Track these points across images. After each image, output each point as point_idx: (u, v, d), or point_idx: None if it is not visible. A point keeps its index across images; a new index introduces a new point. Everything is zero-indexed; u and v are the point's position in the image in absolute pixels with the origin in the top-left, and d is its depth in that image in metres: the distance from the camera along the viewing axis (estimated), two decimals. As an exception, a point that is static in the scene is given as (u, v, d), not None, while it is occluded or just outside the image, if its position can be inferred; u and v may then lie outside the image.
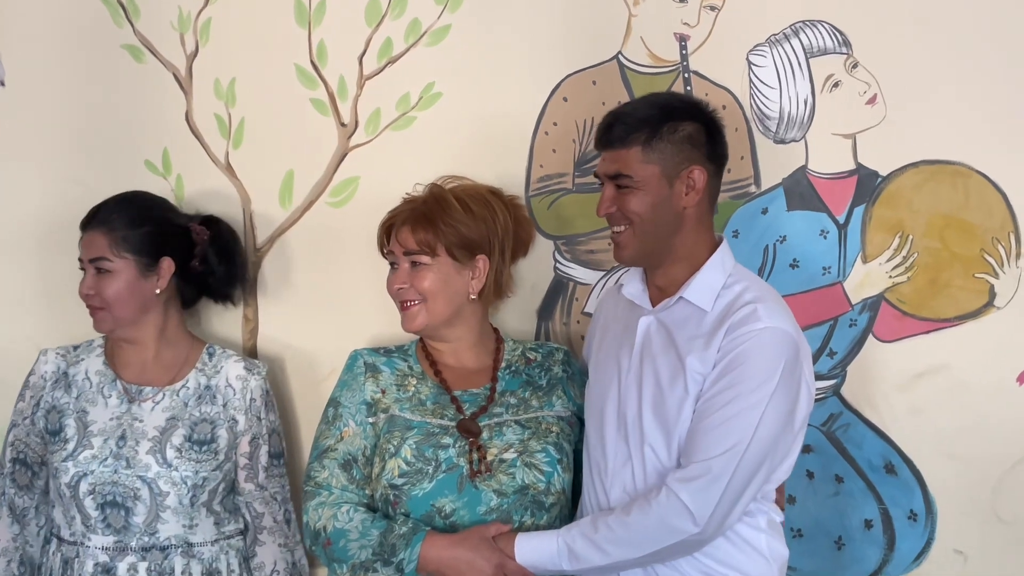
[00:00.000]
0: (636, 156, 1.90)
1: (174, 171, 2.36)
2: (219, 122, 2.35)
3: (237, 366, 2.20)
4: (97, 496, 2.08)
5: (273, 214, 2.38)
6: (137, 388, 2.15)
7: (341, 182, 2.36)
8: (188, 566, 2.14)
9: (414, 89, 2.33)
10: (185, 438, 2.12)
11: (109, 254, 2.09)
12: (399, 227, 2.08)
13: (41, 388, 2.19)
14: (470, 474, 1.99)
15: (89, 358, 2.19)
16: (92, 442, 2.11)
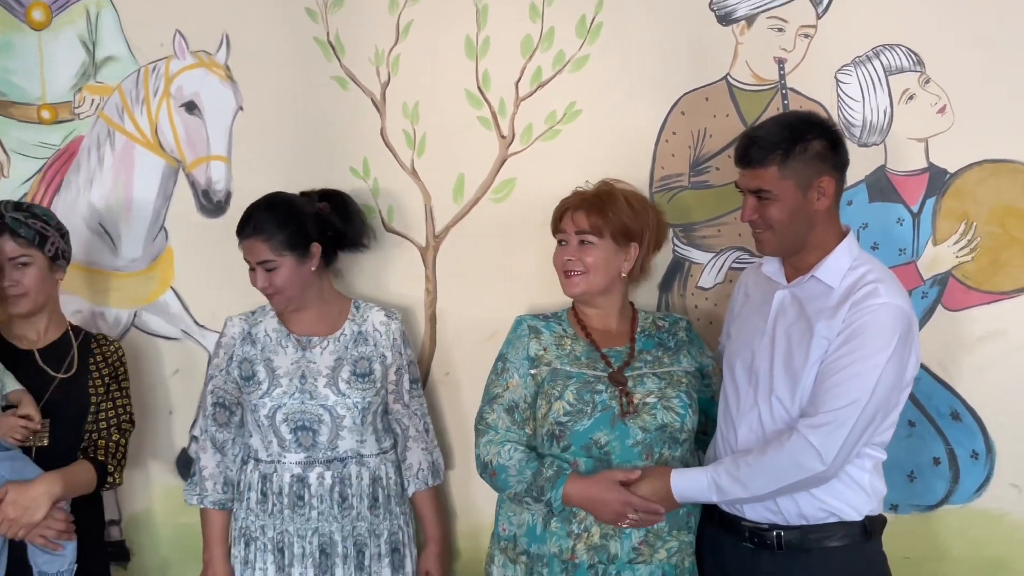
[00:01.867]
0: (773, 174, 2.04)
1: (372, 175, 2.66)
2: (406, 136, 2.64)
3: (379, 314, 2.51)
4: (290, 422, 2.39)
5: (448, 208, 2.65)
6: (307, 339, 2.46)
7: (501, 183, 2.61)
8: (360, 473, 2.43)
9: (559, 107, 2.57)
10: (351, 373, 2.43)
11: (271, 255, 2.36)
12: (574, 211, 2.28)
13: (232, 346, 2.47)
14: (620, 414, 2.19)
15: (265, 319, 2.49)
16: (281, 382, 2.41)
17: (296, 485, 2.39)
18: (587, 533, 2.17)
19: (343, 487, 2.40)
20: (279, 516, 2.39)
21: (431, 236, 2.67)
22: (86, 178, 2.79)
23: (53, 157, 2.81)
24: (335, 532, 2.39)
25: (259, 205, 2.42)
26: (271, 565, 2.39)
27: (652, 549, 2.17)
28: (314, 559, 2.38)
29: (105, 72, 2.78)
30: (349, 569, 2.40)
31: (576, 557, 2.18)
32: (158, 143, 2.76)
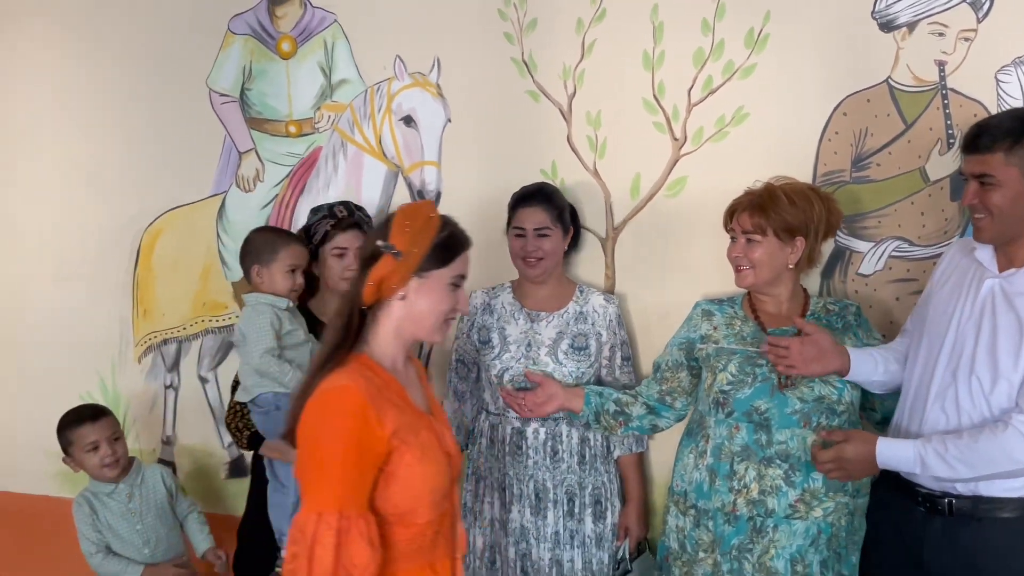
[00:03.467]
0: (999, 160, 2.00)
1: (559, 175, 2.84)
2: (589, 141, 2.81)
3: (599, 298, 2.71)
4: (514, 383, 2.61)
5: (625, 204, 2.80)
6: (536, 313, 2.68)
7: (673, 180, 2.73)
8: (570, 432, 2.60)
9: (728, 111, 2.66)
10: (569, 345, 2.63)
11: (549, 224, 2.60)
12: (740, 212, 2.35)
13: (474, 314, 2.74)
14: (779, 385, 2.28)
15: (503, 294, 2.73)
16: (510, 348, 2.64)
17: (515, 436, 2.61)
18: (746, 489, 2.29)
19: (555, 442, 2.60)
20: (503, 461, 2.62)
21: (610, 229, 2.83)
22: (324, 182, 3.13)
23: (298, 165, 3.17)
24: (547, 480, 2.59)
25: (541, 185, 2.68)
26: (496, 501, 2.63)
27: (808, 507, 2.25)
28: (530, 501, 2.59)
29: (339, 93, 3.11)
30: (559, 513, 2.59)
31: (737, 510, 2.29)
32: (381, 152, 3.07)
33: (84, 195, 3.47)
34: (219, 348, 3.31)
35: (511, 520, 2.61)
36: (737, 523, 2.30)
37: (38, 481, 3.55)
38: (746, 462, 2.30)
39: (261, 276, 2.55)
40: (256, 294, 2.54)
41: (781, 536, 2.28)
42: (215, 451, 3.31)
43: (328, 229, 2.67)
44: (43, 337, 3.56)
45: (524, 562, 2.60)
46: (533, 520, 2.60)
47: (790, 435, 2.28)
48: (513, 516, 2.61)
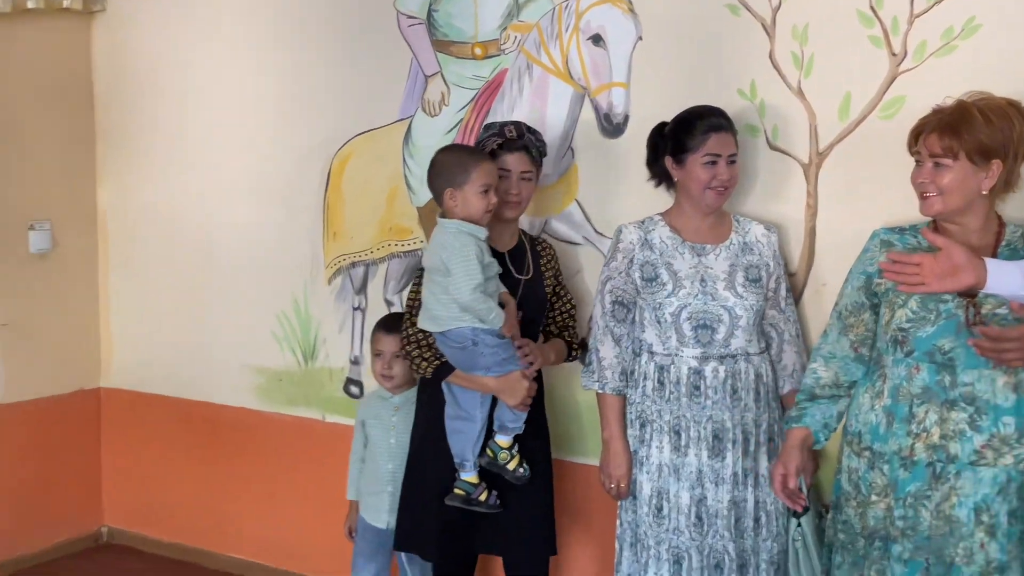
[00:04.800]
0: None
1: (758, 96, 2.64)
2: (794, 58, 2.58)
3: (760, 228, 2.57)
4: (693, 320, 2.48)
5: (832, 127, 2.56)
6: (700, 246, 2.53)
7: (889, 100, 2.48)
8: (748, 369, 2.49)
9: (957, 23, 2.37)
10: (745, 277, 2.49)
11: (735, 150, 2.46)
12: (927, 133, 2.10)
13: (631, 251, 2.56)
14: (966, 323, 2.07)
15: (657, 228, 2.56)
16: (684, 284, 2.50)
17: (693, 376, 2.49)
18: (926, 433, 2.11)
19: (734, 381, 2.48)
20: (676, 403, 2.50)
21: (814, 154, 2.60)
22: (508, 105, 3.03)
23: (483, 88, 3.08)
24: (727, 420, 2.47)
25: (716, 108, 2.50)
26: (667, 445, 2.50)
27: (997, 454, 2.06)
28: (708, 443, 2.47)
29: (526, 12, 2.98)
30: (737, 453, 2.47)
31: (914, 455, 2.12)
32: (568, 73, 2.92)
33: (276, 119, 3.52)
34: (404, 272, 3.29)
35: (686, 464, 2.49)
36: (914, 468, 2.13)
37: (237, 394, 3.69)
38: (927, 405, 2.14)
39: (455, 199, 2.46)
40: (455, 221, 2.45)
41: (965, 483, 2.10)
42: None
43: (495, 148, 2.58)
44: (241, 258, 3.66)
45: (699, 507, 2.48)
46: (711, 463, 2.48)
47: (977, 376, 2.08)
48: (688, 460, 2.49)
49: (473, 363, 2.49)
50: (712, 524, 2.48)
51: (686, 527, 2.48)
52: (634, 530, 2.57)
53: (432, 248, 2.49)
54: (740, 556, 2.48)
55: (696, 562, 2.48)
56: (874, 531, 2.20)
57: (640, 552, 2.54)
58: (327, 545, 3.40)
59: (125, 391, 3.99)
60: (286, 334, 3.54)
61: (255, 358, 3.61)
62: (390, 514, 2.86)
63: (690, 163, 2.48)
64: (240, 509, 3.71)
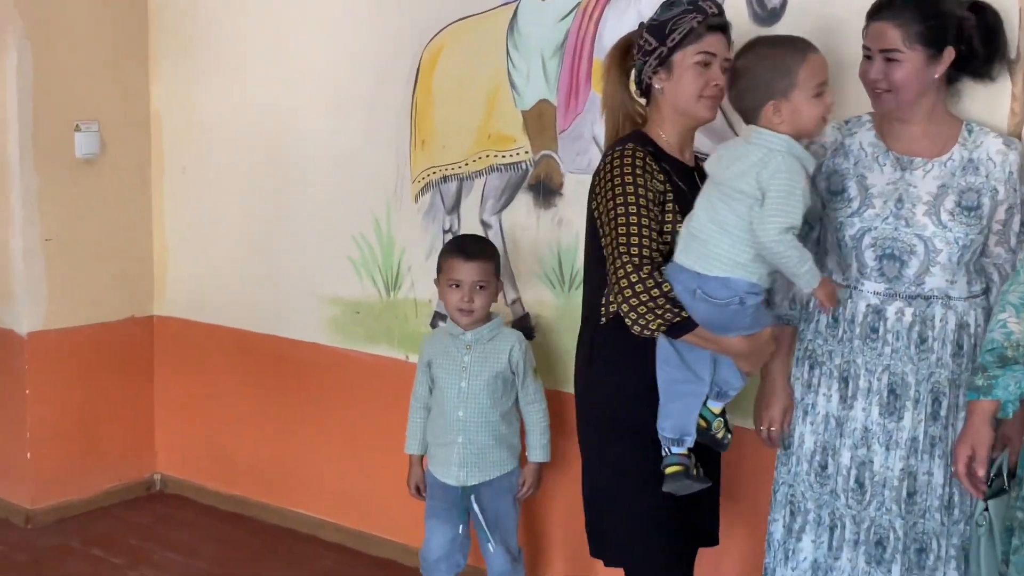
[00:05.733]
0: None
1: None
2: None
3: (997, 142, 2.21)
4: (877, 248, 2.21)
5: None
6: (908, 159, 2.23)
7: None
8: (945, 316, 2.20)
9: None
10: (955, 204, 2.16)
11: (901, 46, 2.11)
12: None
13: (822, 156, 2.31)
14: None
15: (861, 131, 2.30)
16: (874, 203, 2.22)
17: (871, 316, 2.24)
18: None
19: (923, 327, 2.20)
20: (848, 344, 2.24)
21: (1022, 48, 2.23)
22: None
23: None
24: (909, 374, 2.19)
25: None
26: (835, 393, 2.28)
27: None
28: (881, 397, 2.21)
29: None
30: (920, 415, 2.18)
31: None
32: (716, -58, 2.59)
33: (360, 9, 3.29)
34: (505, 188, 3.03)
35: (851, 419, 2.25)
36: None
37: (307, 327, 3.54)
38: None
39: (781, 113, 2.11)
40: (785, 138, 2.08)
41: None
42: (497, 307, 3.01)
43: (694, 26, 2.20)
44: (315, 173, 3.48)
45: (862, 471, 2.23)
46: (882, 422, 2.23)
47: None
48: (855, 414, 2.25)
49: (731, 323, 2.15)
50: (877, 494, 2.24)
51: (842, 491, 2.27)
52: (790, 489, 2.36)
53: (740, 160, 2.12)
54: (919, 539, 2.22)
55: (851, 533, 2.26)
56: None
57: (796, 516, 2.35)
58: (407, 503, 3.18)
59: (181, 320, 3.90)
60: (364, 259, 3.36)
61: (329, 286, 3.44)
62: (460, 468, 2.77)
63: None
64: (308, 459, 3.59)
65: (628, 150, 2.19)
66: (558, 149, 2.90)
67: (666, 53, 2.22)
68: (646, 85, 2.28)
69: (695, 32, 2.20)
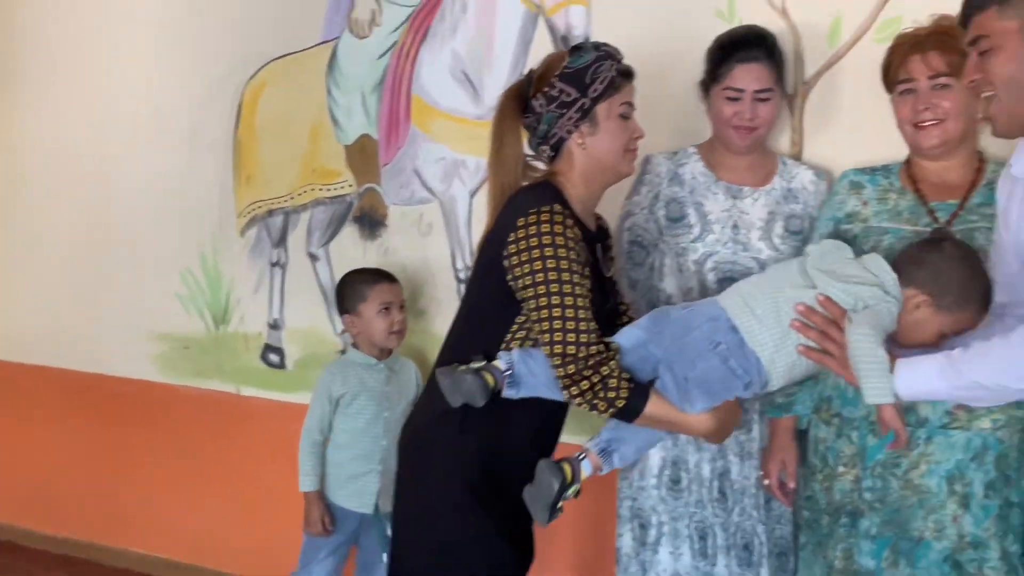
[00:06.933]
0: (992, 16, 1.77)
1: (737, 16, 2.58)
2: None
3: (809, 173, 2.47)
4: (718, 271, 2.41)
5: (820, 52, 2.54)
6: (737, 187, 2.45)
7: (885, 22, 2.45)
8: None
9: None
10: (784, 228, 2.40)
11: (773, 85, 2.34)
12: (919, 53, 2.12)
13: (658, 184, 2.49)
14: None
15: (690, 162, 2.48)
16: (712, 228, 2.42)
17: None
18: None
19: None
20: None
21: (799, 83, 2.56)
22: (450, 27, 2.92)
23: (420, 6, 2.98)
24: None
25: (759, 30, 2.39)
26: None
27: (971, 415, 2.06)
28: None
29: (470, -83, 2.88)
30: (765, 426, 2.41)
31: None
32: (519, -12, 2.83)
33: (179, 46, 3.38)
34: (331, 221, 3.19)
35: None
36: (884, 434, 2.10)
37: (136, 364, 3.57)
38: None
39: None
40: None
41: (935, 449, 2.12)
42: (327, 337, 3.23)
43: (614, 75, 2.07)
44: (139, 210, 3.52)
45: (722, 481, 2.42)
46: (735, 434, 2.38)
47: None
48: None
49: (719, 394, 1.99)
50: (738, 501, 2.43)
51: (709, 502, 2.43)
52: (634, 503, 2.49)
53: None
54: (777, 541, 2.43)
55: (722, 540, 2.42)
56: (840, 506, 2.22)
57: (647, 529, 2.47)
58: (244, 536, 3.30)
59: (4, 363, 3.85)
60: (192, 295, 3.43)
61: (156, 323, 3.49)
62: (378, 496, 2.80)
63: (714, 95, 2.40)
64: (141, 496, 3.60)
65: (558, 214, 1.98)
66: (381, 182, 3.07)
67: (589, 105, 2.06)
68: (558, 139, 2.08)
69: (615, 82, 2.08)
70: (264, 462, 3.23)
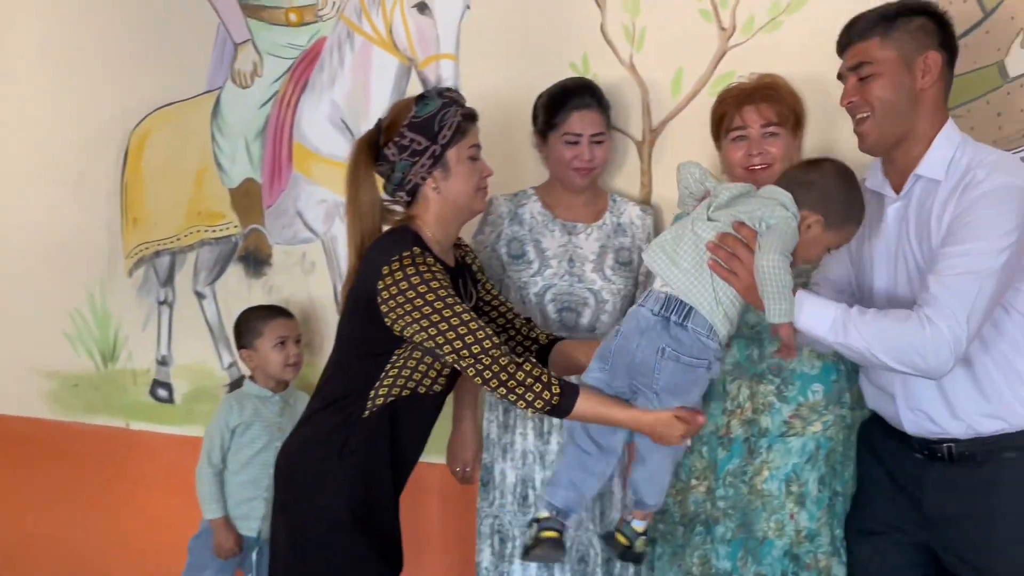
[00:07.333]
0: (875, 45, 1.98)
1: (591, 70, 2.75)
2: (625, 31, 2.72)
3: (636, 209, 2.66)
4: (557, 303, 2.56)
5: (665, 103, 2.71)
6: (572, 224, 2.62)
7: (720, 76, 2.63)
8: None
9: None
10: (614, 260, 2.58)
11: (604, 129, 2.54)
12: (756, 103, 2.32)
13: (500, 224, 2.62)
14: None
15: (529, 202, 2.64)
16: (550, 263, 2.58)
17: None
18: (740, 408, 2.30)
19: None
20: None
21: (647, 130, 2.75)
22: (329, 78, 3.06)
23: (300, 58, 3.10)
24: None
25: (586, 82, 2.57)
26: (530, 431, 2.57)
27: (805, 422, 2.25)
28: None
29: (345, -25, 3.02)
30: None
31: (731, 432, 2.31)
32: (392, 43, 2.98)
33: (67, 93, 3.43)
34: (217, 260, 3.28)
35: (549, 452, 2.57)
36: (732, 446, 2.32)
37: (24, 402, 3.58)
38: (738, 380, 2.32)
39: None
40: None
41: (775, 456, 2.30)
42: (214, 371, 3.31)
43: (460, 120, 2.18)
44: (28, 250, 3.54)
45: None
46: None
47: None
48: (551, 447, 2.57)
49: (693, 378, 2.00)
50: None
51: None
52: (495, 520, 2.61)
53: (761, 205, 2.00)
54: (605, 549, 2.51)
55: None
56: (695, 516, 2.35)
57: (506, 543, 2.59)
58: (136, 566, 3.35)
59: None
60: (80, 333, 3.47)
61: (44, 361, 3.52)
62: (264, 521, 2.86)
63: (552, 140, 2.56)
64: (35, 532, 3.59)
65: (418, 256, 2.08)
66: (265, 223, 3.17)
67: (440, 151, 2.16)
68: (413, 185, 2.18)
69: (461, 126, 2.18)
70: (154, 494, 3.29)
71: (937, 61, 1.99)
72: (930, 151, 2.00)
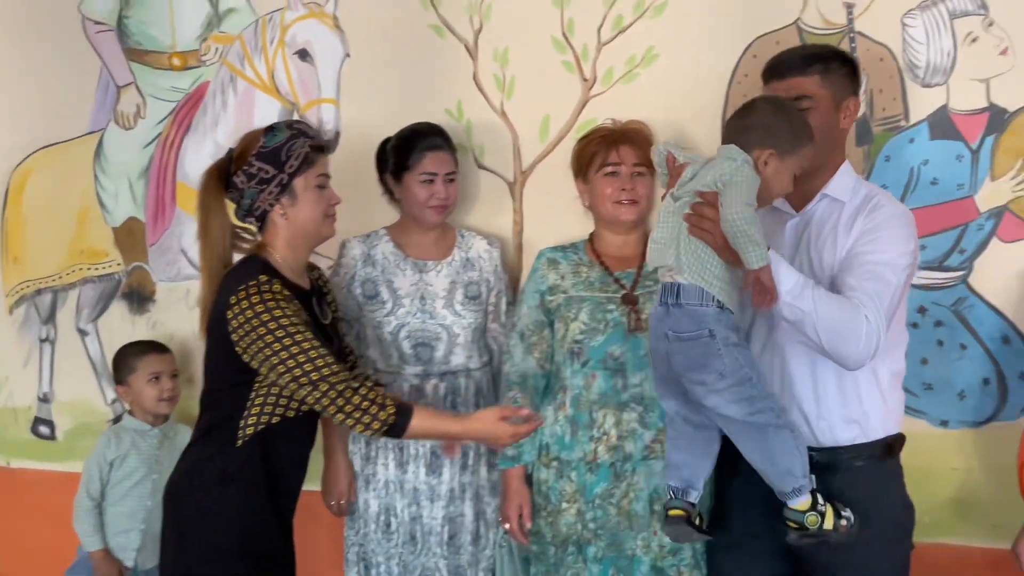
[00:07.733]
0: (816, 82, 2.14)
1: (465, 116, 2.92)
2: (496, 80, 2.90)
3: (483, 243, 2.79)
4: (412, 339, 2.66)
5: (534, 147, 2.89)
6: (423, 262, 2.71)
7: (583, 123, 2.82)
8: (468, 384, 2.69)
9: (638, 51, 2.78)
10: (464, 295, 2.70)
11: (455, 168, 2.67)
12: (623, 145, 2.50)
13: (353, 266, 2.70)
14: (629, 329, 2.44)
15: (381, 243, 2.73)
16: (403, 302, 2.67)
17: (414, 394, 2.66)
18: (606, 436, 2.45)
19: (454, 396, 2.68)
20: None
21: (518, 172, 2.93)
22: (212, 120, 3.15)
23: (183, 100, 3.18)
24: None
25: (434, 125, 2.70)
26: (391, 461, 2.67)
27: (664, 446, 2.31)
28: (426, 459, 2.66)
29: (227, 23, 3.13)
30: (455, 469, 2.65)
31: (598, 458, 2.46)
32: (275, 87, 3.10)
33: None
34: (100, 298, 3.31)
35: (407, 481, 2.67)
36: (599, 471, 2.46)
37: None
38: (604, 409, 2.45)
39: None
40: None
41: (639, 478, 2.43)
42: (97, 407, 3.34)
43: (308, 151, 2.27)
44: None
45: (414, 525, 2.67)
46: (427, 479, 2.66)
47: (643, 377, 2.42)
48: (407, 477, 2.66)
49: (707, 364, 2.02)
50: (425, 542, 2.66)
51: (406, 543, 2.65)
52: (361, 548, 2.70)
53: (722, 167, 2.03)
54: (456, 571, 2.67)
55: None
56: (567, 537, 2.48)
57: (370, 569, 2.69)
58: None
59: None
60: None
61: None
62: (140, 552, 2.96)
63: (407, 181, 2.67)
64: None
65: (264, 284, 2.15)
66: (149, 261, 3.23)
67: (287, 180, 2.23)
68: (262, 211, 2.26)
69: (309, 157, 2.25)
70: (38, 531, 3.27)
71: (857, 106, 2.22)
72: (836, 177, 2.19)
